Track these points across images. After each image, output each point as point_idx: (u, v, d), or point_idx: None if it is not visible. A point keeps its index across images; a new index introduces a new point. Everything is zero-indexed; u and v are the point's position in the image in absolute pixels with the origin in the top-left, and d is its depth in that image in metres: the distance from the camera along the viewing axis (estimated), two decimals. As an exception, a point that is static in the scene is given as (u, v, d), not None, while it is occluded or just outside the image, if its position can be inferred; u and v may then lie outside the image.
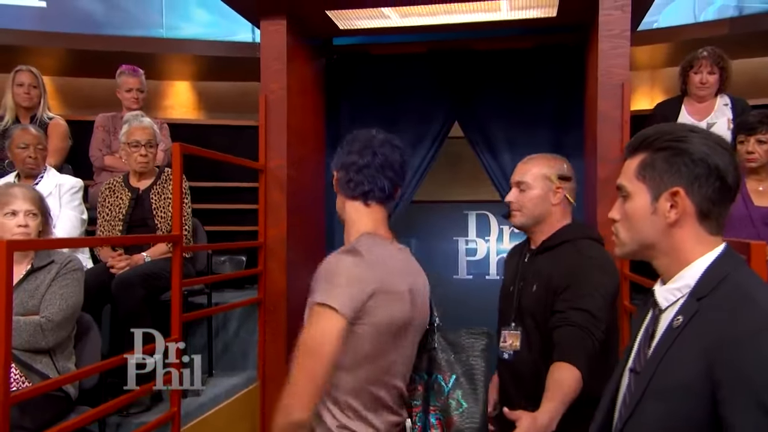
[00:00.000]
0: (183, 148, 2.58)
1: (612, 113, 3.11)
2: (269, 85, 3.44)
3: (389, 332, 1.50)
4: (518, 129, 4.18)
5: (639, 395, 1.13)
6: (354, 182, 1.60)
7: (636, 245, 1.23)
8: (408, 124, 4.26)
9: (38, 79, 3.72)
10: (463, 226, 7.46)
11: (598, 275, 1.88)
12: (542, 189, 2.04)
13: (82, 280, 2.36)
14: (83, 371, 2.19)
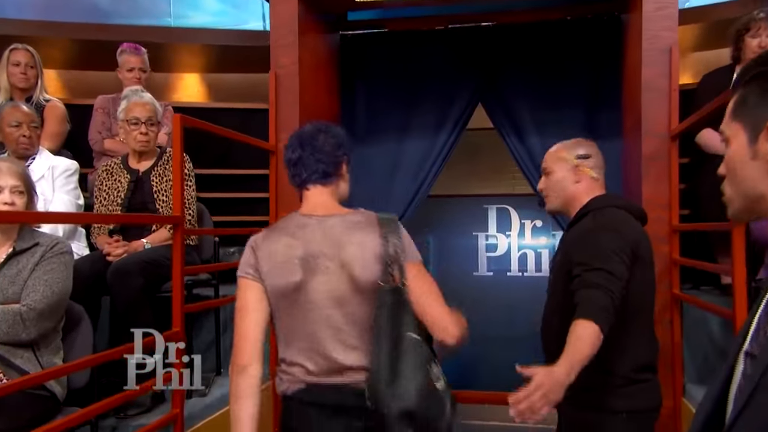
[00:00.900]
0: (184, 121, 2.30)
1: (658, 82, 2.81)
2: (279, 60, 3.17)
3: (283, 295, 1.68)
4: (547, 110, 3.87)
5: (755, 383, 0.88)
6: (293, 175, 1.83)
7: (743, 200, 1.00)
8: (427, 107, 3.98)
9: (35, 58, 3.48)
10: (482, 220, 7.21)
11: (605, 236, 1.89)
12: (562, 170, 2.10)
13: (71, 265, 2.09)
14: (69, 366, 1.92)
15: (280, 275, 1.67)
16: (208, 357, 3.09)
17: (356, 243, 1.68)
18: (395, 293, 1.65)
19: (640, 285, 1.91)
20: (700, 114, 2.47)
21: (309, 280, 1.67)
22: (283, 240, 1.71)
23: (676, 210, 2.76)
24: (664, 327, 2.76)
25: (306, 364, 1.67)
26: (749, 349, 0.96)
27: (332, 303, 1.67)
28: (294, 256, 1.68)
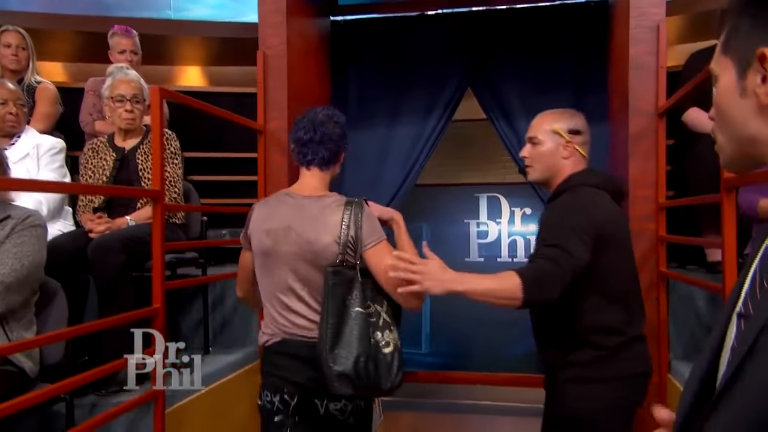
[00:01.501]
0: (163, 93, 2.13)
1: (645, 59, 2.63)
2: (267, 40, 2.99)
3: (258, 257, 1.92)
4: (535, 94, 3.70)
5: (750, 345, 0.71)
6: (301, 153, 1.95)
7: (734, 144, 0.83)
8: (417, 92, 3.81)
9: (26, 40, 3.29)
10: (474, 209, 7.10)
11: (570, 216, 1.82)
12: (552, 143, 1.98)
13: (43, 238, 1.92)
14: (38, 339, 1.75)
15: (257, 241, 1.90)
16: (195, 336, 2.93)
17: (321, 223, 1.84)
18: (343, 273, 1.80)
19: (608, 264, 1.83)
20: (687, 88, 2.30)
21: (277, 248, 1.85)
22: (264, 212, 1.94)
23: (663, 188, 2.59)
24: (650, 304, 2.59)
25: (277, 319, 1.88)
26: (742, 311, 0.80)
27: (292, 271, 1.84)
28: (268, 227, 1.88)
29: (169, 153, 2.63)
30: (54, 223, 2.63)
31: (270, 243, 1.85)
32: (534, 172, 2.03)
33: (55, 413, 2.02)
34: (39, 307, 1.95)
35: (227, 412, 2.61)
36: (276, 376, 1.86)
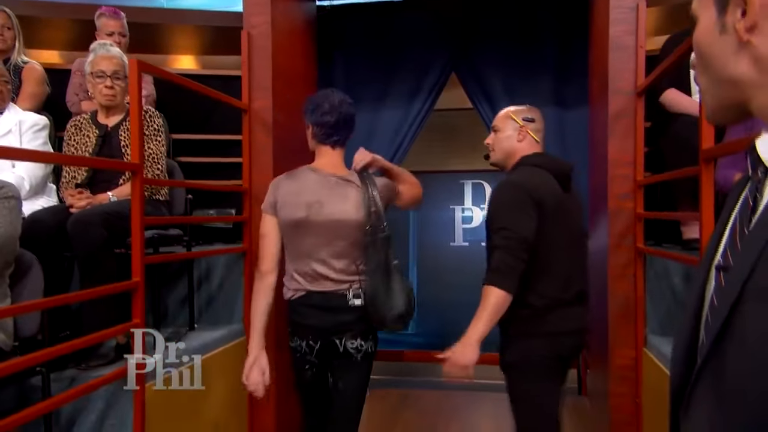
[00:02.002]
0: (141, 66, 2.00)
1: (625, 39, 2.54)
2: (251, 20, 2.87)
3: (290, 227, 2.10)
4: (518, 79, 3.62)
5: (733, 298, 0.63)
6: (325, 134, 2.13)
7: (716, 88, 0.73)
8: (403, 76, 3.72)
9: (12, 20, 3.15)
10: (459, 195, 7.05)
11: (500, 194, 2.06)
12: (510, 129, 2.19)
13: (17, 210, 1.79)
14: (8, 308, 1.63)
15: (290, 212, 2.08)
16: (181, 312, 2.82)
17: (344, 195, 2.09)
18: (379, 237, 2.07)
19: (540, 234, 1.98)
20: (664, 65, 2.20)
21: (310, 219, 2.06)
22: (294, 186, 2.11)
23: (641, 166, 2.50)
24: (627, 280, 2.52)
25: (304, 277, 2.10)
26: (721, 263, 0.70)
27: (322, 239, 2.07)
28: (303, 200, 2.07)
29: (152, 130, 2.51)
30: (37, 199, 2.51)
31: (303, 214, 2.06)
32: (494, 155, 2.25)
33: (33, 387, 1.91)
34: (13, 279, 1.83)
35: (211, 386, 2.51)
36: (302, 324, 2.11)
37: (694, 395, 0.68)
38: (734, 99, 0.72)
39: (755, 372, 0.57)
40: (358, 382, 2.17)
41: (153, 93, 3.31)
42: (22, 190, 2.44)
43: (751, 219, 0.67)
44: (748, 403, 0.58)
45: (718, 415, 0.63)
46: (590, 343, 3.74)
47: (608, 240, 2.59)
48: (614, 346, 2.56)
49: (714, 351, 0.64)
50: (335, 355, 2.11)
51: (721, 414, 0.62)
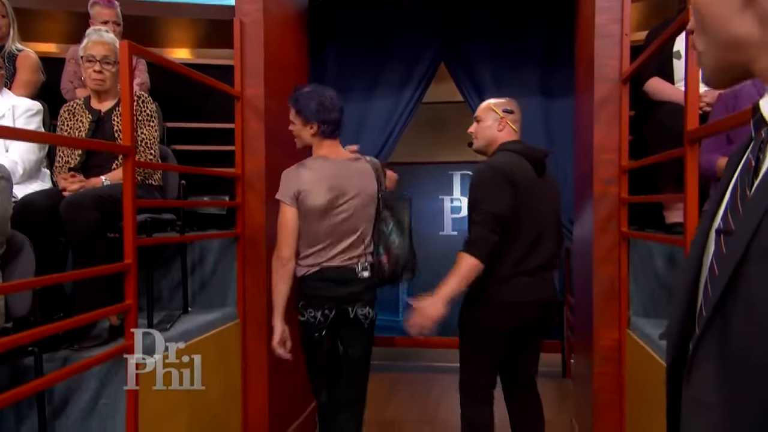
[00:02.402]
0: (132, 48, 1.94)
1: (610, 28, 2.50)
2: (243, 7, 2.82)
3: (315, 213, 2.22)
4: (506, 69, 3.58)
5: (737, 259, 0.59)
6: (332, 129, 2.29)
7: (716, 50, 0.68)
8: (394, 66, 3.66)
9: (6, 7, 3.06)
10: (448, 185, 7.03)
11: (480, 175, 2.24)
12: (490, 120, 2.37)
13: (7, 191, 1.73)
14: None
15: (315, 198, 2.20)
16: (175, 296, 2.77)
17: (360, 170, 2.31)
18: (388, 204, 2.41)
19: (517, 209, 2.17)
20: (649, 51, 2.16)
21: (336, 201, 2.22)
22: (314, 174, 2.23)
23: (626, 151, 2.48)
24: (612, 264, 2.50)
25: (319, 255, 2.24)
26: (722, 226, 0.66)
27: (345, 215, 2.24)
28: (324, 185, 2.21)
29: (145, 115, 2.45)
30: (30, 183, 2.44)
31: (331, 197, 2.21)
32: (477, 142, 2.42)
33: (26, 367, 1.86)
34: (4, 260, 1.78)
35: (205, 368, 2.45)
36: (318, 296, 2.24)
37: (697, 357, 0.64)
38: (735, 60, 0.68)
39: (761, 330, 0.54)
40: (366, 347, 2.36)
41: (147, 81, 3.23)
42: (15, 175, 2.37)
43: (753, 181, 0.63)
44: (755, 361, 0.55)
45: (724, 375, 0.60)
46: (575, 326, 3.73)
47: (593, 224, 2.56)
48: (599, 327, 2.54)
49: (718, 312, 0.61)
50: (346, 322, 2.28)
51: (727, 374, 0.60)
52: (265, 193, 2.81)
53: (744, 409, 0.56)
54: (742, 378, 0.57)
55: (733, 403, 0.58)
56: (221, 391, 2.61)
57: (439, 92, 5.13)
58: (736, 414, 0.58)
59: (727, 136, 2.15)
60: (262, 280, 2.80)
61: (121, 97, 1.98)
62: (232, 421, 2.73)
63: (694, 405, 0.65)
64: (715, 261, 0.64)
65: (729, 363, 0.59)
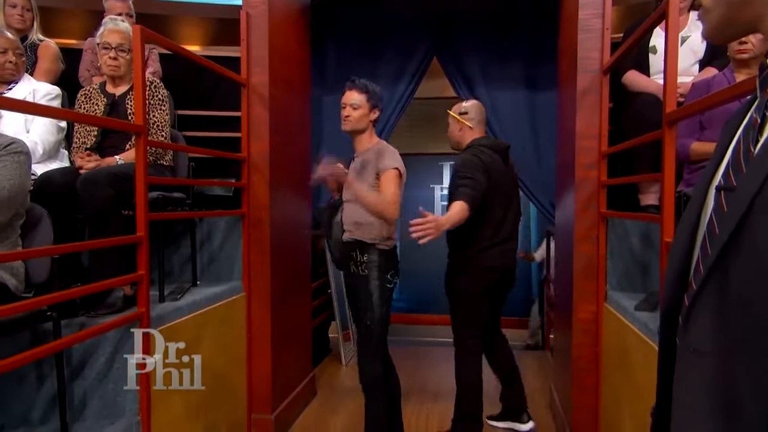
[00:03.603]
0: (144, 33, 1.89)
1: (592, 22, 2.46)
2: (250, 1, 2.75)
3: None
4: (494, 64, 3.54)
5: (740, 214, 0.56)
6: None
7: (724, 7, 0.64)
8: (389, 60, 3.62)
9: (31, 2, 2.99)
10: (438, 175, 7.01)
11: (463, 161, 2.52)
12: (451, 123, 2.72)
13: (26, 165, 1.69)
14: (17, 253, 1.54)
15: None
16: (184, 270, 2.74)
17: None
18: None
19: (488, 192, 2.46)
20: (627, 43, 2.13)
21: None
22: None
23: (605, 138, 2.45)
24: (590, 242, 2.48)
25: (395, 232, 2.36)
26: (722, 183, 0.62)
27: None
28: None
29: (157, 100, 2.40)
30: (50, 163, 2.40)
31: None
32: (450, 142, 2.76)
33: (45, 331, 1.82)
34: (24, 230, 1.74)
35: (212, 337, 2.44)
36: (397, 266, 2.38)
37: (695, 310, 0.61)
38: (742, 17, 0.63)
39: (763, 280, 0.52)
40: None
41: (159, 70, 3.18)
42: (35, 154, 2.33)
43: (758, 138, 0.60)
44: (756, 309, 0.52)
45: (721, 326, 0.57)
46: (555, 302, 3.71)
47: (574, 206, 2.54)
48: (578, 301, 2.52)
49: (717, 266, 0.58)
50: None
51: (725, 324, 0.57)
52: (269, 176, 2.77)
53: (742, 359, 0.54)
54: (741, 327, 0.54)
55: (731, 351, 0.56)
56: (228, 358, 2.59)
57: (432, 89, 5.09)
58: (733, 362, 0.55)
59: (699, 123, 2.13)
60: (266, 256, 2.78)
61: (133, 80, 1.92)
62: (238, 387, 2.71)
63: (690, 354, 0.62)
64: (714, 217, 0.61)
65: (727, 313, 0.56)
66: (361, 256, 2.30)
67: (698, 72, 2.54)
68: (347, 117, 2.33)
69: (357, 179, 2.27)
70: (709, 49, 2.52)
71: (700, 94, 2.01)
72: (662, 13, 1.73)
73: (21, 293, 1.68)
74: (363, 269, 2.30)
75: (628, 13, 4.53)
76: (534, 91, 3.46)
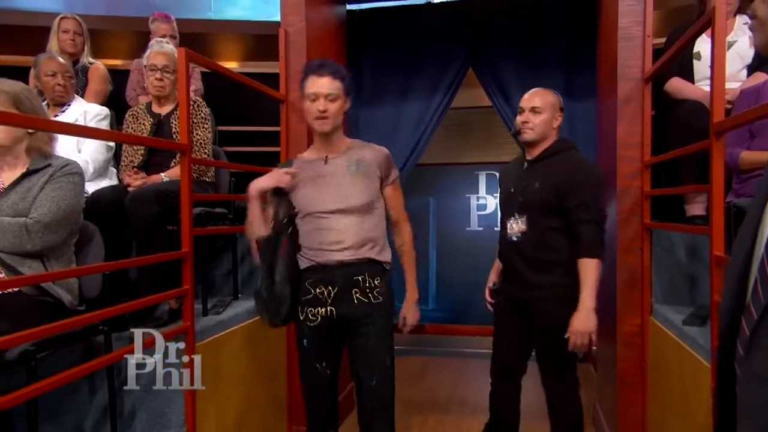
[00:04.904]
0: (188, 55, 1.95)
1: (633, 30, 2.41)
2: (288, 19, 2.81)
3: None
4: (530, 73, 3.49)
5: None
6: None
7: None
8: (425, 73, 3.62)
9: (82, 26, 3.15)
10: (474, 184, 6.96)
11: (592, 177, 2.02)
12: (550, 114, 2.10)
13: (80, 185, 1.76)
14: (70, 271, 1.61)
15: None
16: (226, 284, 2.79)
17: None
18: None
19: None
20: (671, 51, 2.07)
21: None
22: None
23: (648, 147, 2.39)
24: (634, 254, 2.41)
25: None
26: None
27: None
28: None
29: (200, 118, 2.47)
30: (100, 181, 2.50)
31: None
32: (531, 134, 2.09)
33: (98, 344, 1.89)
34: (78, 247, 1.81)
35: (254, 349, 2.48)
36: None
37: (757, 338, 0.59)
38: None
39: None
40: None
41: (201, 88, 3.28)
42: (86, 173, 2.42)
43: None
44: None
45: None
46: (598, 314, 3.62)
47: (616, 217, 2.48)
48: (622, 314, 2.45)
49: None
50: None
51: None
52: (308, 189, 2.81)
53: None
54: None
55: None
56: (268, 371, 2.62)
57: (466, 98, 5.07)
58: None
59: (749, 131, 2.05)
60: (305, 269, 2.80)
61: (178, 101, 1.99)
62: (278, 399, 2.74)
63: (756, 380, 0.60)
64: None
65: None
66: (371, 280, 1.81)
67: (746, 77, 2.46)
68: (324, 113, 1.77)
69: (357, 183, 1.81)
70: (757, 53, 2.43)
71: (749, 102, 1.94)
72: (708, 20, 1.68)
73: (75, 308, 1.75)
74: (376, 296, 1.82)
75: (670, 17, 4.42)
76: (572, 100, 3.40)
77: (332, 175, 1.83)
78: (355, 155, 1.87)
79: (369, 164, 1.85)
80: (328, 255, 1.79)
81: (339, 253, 1.78)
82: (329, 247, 1.78)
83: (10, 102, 1.64)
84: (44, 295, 1.62)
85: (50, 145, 1.80)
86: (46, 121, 1.74)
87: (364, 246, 1.80)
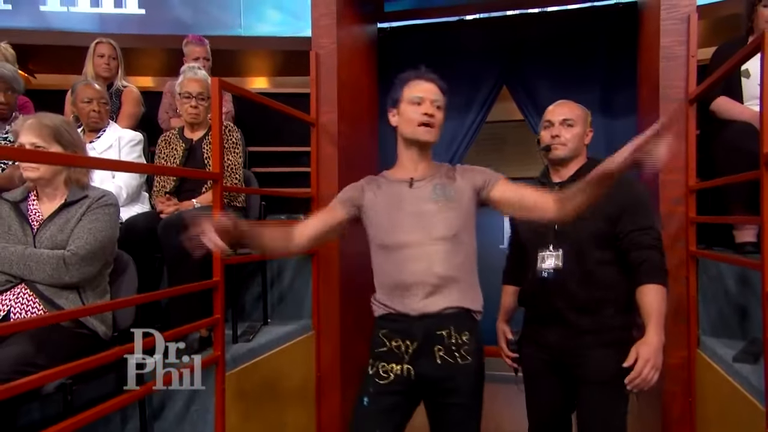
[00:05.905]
0: (222, 84, 2.02)
1: (676, 49, 2.38)
2: (319, 41, 2.86)
3: None
4: (566, 91, 3.44)
5: None
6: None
7: None
8: (458, 90, 3.63)
9: (117, 51, 3.28)
10: (508, 200, 6.86)
11: (643, 196, 1.81)
12: (582, 128, 1.90)
13: (116, 216, 1.83)
14: (107, 304, 1.66)
15: None
16: (256, 309, 2.84)
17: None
18: None
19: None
20: (718, 74, 2.04)
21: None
22: None
23: (693, 171, 2.34)
24: (680, 283, 2.36)
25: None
26: None
27: None
28: None
29: (230, 144, 2.53)
30: (132, 206, 2.58)
31: None
32: (563, 150, 1.87)
33: (129, 373, 1.95)
34: (112, 277, 1.88)
35: (283, 376, 2.51)
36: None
37: None
38: None
39: None
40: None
41: (232, 110, 3.36)
42: (120, 198, 2.51)
43: None
44: None
45: None
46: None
47: (660, 243, 2.43)
48: (667, 346, 2.36)
49: None
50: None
51: None
52: (338, 213, 2.84)
53: None
54: None
55: None
56: (298, 397, 2.65)
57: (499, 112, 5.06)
58: None
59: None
60: (335, 295, 2.83)
61: (211, 129, 2.05)
62: (307, 426, 2.76)
63: None
64: None
65: None
66: (458, 336, 1.54)
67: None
68: (432, 118, 1.64)
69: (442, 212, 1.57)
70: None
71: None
72: (757, 45, 1.65)
73: (109, 338, 1.81)
74: (464, 356, 1.54)
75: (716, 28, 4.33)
76: (610, 118, 3.36)
77: (415, 201, 1.59)
78: (441, 180, 1.63)
79: (458, 189, 1.61)
80: (407, 301, 1.53)
81: (418, 298, 1.52)
82: (408, 291, 1.53)
83: (51, 136, 1.72)
84: (80, 327, 1.68)
85: (87, 176, 1.87)
86: (84, 158, 1.82)
87: (447, 287, 1.53)
